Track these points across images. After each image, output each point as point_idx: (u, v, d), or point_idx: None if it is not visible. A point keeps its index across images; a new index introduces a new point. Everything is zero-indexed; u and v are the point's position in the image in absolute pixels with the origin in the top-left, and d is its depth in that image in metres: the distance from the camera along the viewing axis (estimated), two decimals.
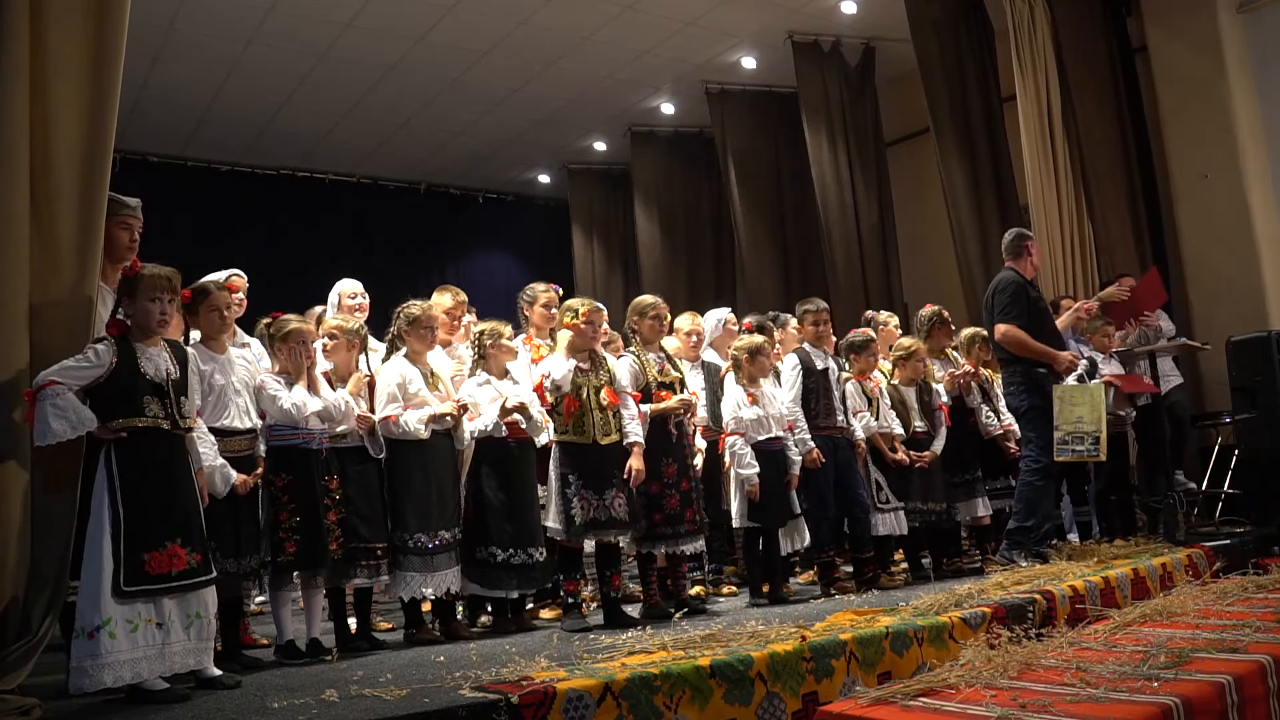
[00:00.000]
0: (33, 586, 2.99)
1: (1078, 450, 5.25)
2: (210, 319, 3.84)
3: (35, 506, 3.01)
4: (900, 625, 3.54)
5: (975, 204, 8.41)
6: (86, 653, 3.01)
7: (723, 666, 2.98)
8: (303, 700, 2.92)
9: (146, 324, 3.34)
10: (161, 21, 8.08)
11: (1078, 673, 3.15)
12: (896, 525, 5.34)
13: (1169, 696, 2.81)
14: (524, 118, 10.85)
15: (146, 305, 3.32)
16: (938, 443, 5.57)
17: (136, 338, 3.32)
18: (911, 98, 9.17)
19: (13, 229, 3.01)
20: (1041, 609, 4.07)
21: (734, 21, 9.17)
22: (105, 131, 3.32)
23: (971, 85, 8.61)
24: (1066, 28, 7.93)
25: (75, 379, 3.13)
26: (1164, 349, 6.54)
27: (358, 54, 9.12)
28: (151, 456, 3.22)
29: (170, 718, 2.90)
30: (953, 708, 2.90)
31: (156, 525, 3.18)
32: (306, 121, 10.46)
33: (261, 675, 3.61)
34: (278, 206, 11.31)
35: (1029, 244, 5.69)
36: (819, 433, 5.12)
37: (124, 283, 3.38)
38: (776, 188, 10.53)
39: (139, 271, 3.37)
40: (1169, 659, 3.23)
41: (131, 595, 3.09)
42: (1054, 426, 5.29)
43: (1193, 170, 7.99)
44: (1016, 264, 5.62)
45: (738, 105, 10.43)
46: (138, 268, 3.39)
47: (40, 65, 3.15)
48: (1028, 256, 5.64)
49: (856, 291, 9.23)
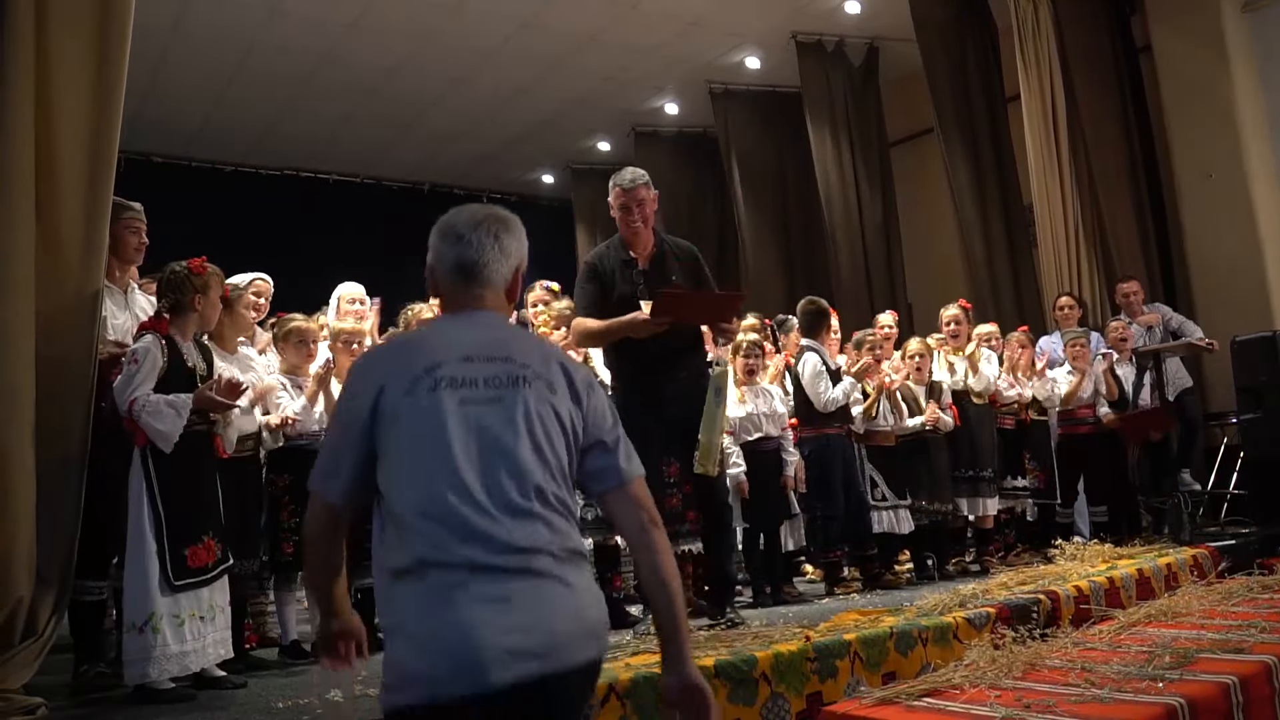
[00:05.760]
0: (39, 587, 3.00)
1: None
2: (244, 317, 3.99)
3: (40, 508, 3.02)
4: (905, 625, 3.53)
5: (979, 203, 8.40)
6: (136, 646, 3.13)
7: (726, 667, 2.97)
8: (307, 700, 2.93)
9: (212, 317, 3.50)
10: (166, 24, 8.09)
11: (1082, 673, 3.15)
12: (895, 523, 5.34)
13: (1174, 697, 2.81)
14: (528, 118, 10.84)
15: (217, 300, 3.48)
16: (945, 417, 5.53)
17: (184, 333, 3.40)
18: (915, 97, 9.15)
19: (18, 231, 3.02)
20: (1046, 609, 4.06)
21: (738, 21, 9.15)
22: (110, 133, 3.34)
23: (975, 85, 8.60)
24: (1070, 27, 7.92)
25: (149, 384, 3.25)
26: (1170, 349, 6.53)
27: (361, 55, 9.12)
28: (184, 451, 3.30)
29: (176, 718, 2.91)
30: (957, 708, 2.90)
31: (193, 520, 3.30)
32: (310, 123, 10.46)
33: (266, 676, 3.62)
34: (282, 208, 11.30)
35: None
36: (833, 430, 5.12)
37: (191, 280, 3.45)
38: (780, 188, 10.51)
39: (209, 269, 3.49)
40: (1174, 659, 3.22)
41: (179, 589, 3.20)
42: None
43: (1197, 169, 7.96)
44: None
45: (742, 105, 10.42)
46: (205, 266, 3.50)
47: (45, 68, 3.16)
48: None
49: (861, 291, 9.21)
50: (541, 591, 1.68)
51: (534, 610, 1.65)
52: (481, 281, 1.89)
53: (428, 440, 1.71)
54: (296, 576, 3.93)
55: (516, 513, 1.70)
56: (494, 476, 1.71)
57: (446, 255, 1.89)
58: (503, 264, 1.90)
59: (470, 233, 1.89)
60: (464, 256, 1.88)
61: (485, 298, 1.89)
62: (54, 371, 3.14)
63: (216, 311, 3.53)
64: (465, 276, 1.88)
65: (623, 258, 4.08)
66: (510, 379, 1.78)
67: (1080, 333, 6.50)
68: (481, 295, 1.89)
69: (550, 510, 1.74)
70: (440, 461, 1.70)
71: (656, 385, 3.97)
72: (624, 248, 4.11)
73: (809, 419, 5.20)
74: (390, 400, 1.74)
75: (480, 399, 1.75)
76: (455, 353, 1.79)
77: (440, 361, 1.77)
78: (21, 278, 3.02)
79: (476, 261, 1.88)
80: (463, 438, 1.71)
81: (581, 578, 1.76)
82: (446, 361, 1.77)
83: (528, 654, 1.62)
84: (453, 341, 1.82)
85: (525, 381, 1.79)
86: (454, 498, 1.67)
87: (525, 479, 1.72)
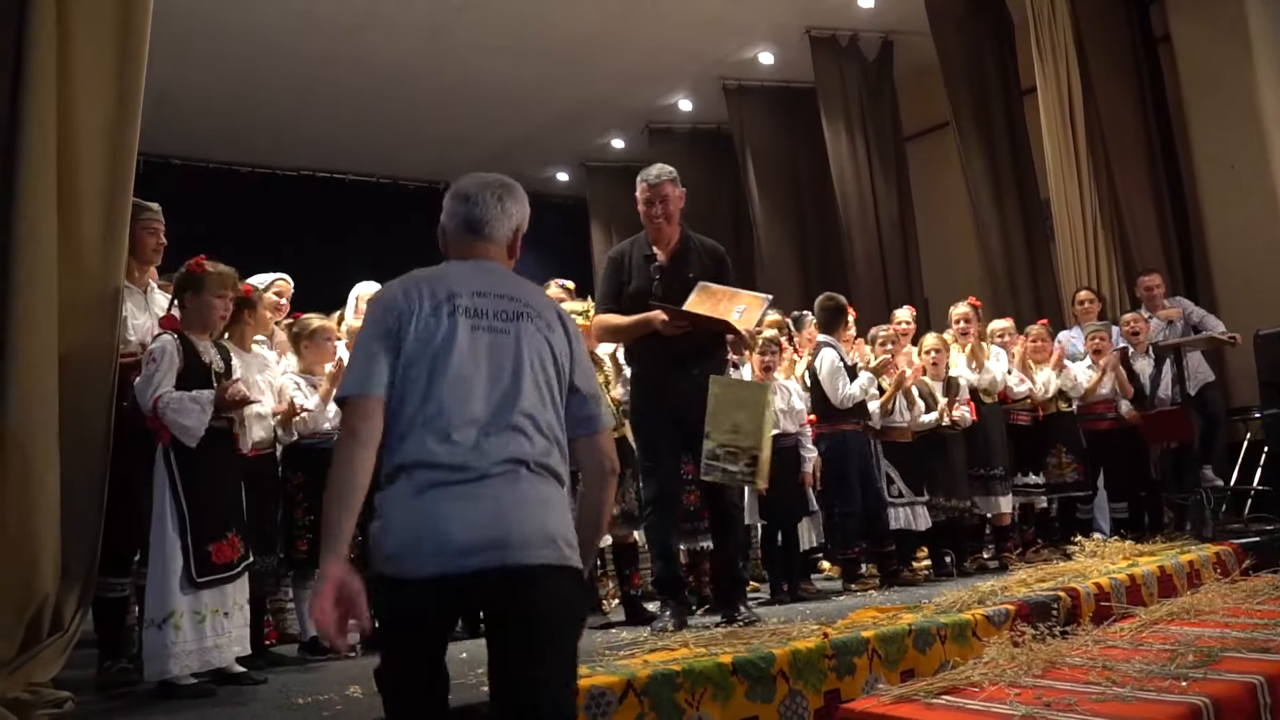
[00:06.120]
0: (64, 583, 3.03)
1: (730, 471, 3.91)
2: (264, 317, 4.06)
3: (65, 505, 3.05)
4: (923, 623, 3.52)
5: (996, 198, 8.34)
6: (156, 642, 3.16)
7: (745, 664, 2.97)
8: (326, 696, 2.95)
9: (209, 318, 3.49)
10: (182, 27, 8.12)
11: (1104, 671, 3.12)
12: (911, 519, 5.32)
13: (1198, 696, 2.78)
14: (542, 116, 10.84)
15: (212, 300, 3.45)
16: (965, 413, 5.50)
17: (193, 331, 3.42)
18: (930, 91, 9.10)
19: (41, 232, 3.05)
20: (1066, 606, 4.03)
21: (751, 17, 9.12)
22: (129, 136, 3.37)
23: (991, 78, 8.54)
24: (1088, 17, 7.85)
25: (170, 381, 3.28)
26: (1191, 343, 6.46)
27: (376, 56, 9.14)
28: (205, 449, 3.33)
29: (197, 713, 2.94)
30: (976, 706, 2.88)
31: (216, 516, 3.33)
32: (325, 123, 10.49)
33: (286, 671, 3.64)
34: (298, 208, 11.36)
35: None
36: (850, 427, 5.11)
37: (188, 278, 3.48)
38: (795, 183, 10.48)
39: (205, 269, 3.48)
40: (1198, 658, 3.19)
41: (202, 585, 3.23)
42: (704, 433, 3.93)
43: (1218, 161, 7.88)
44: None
45: (756, 101, 10.38)
46: (203, 265, 3.48)
47: (67, 74, 3.19)
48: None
49: (877, 287, 9.18)
50: (511, 496, 1.92)
51: (500, 511, 1.90)
52: (485, 236, 2.16)
53: (440, 358, 1.96)
54: (313, 573, 3.95)
55: (503, 428, 1.95)
56: (491, 395, 1.96)
57: (457, 213, 2.18)
58: (504, 222, 2.18)
59: (477, 194, 2.17)
60: (471, 214, 2.16)
61: (490, 250, 2.17)
62: (76, 371, 3.16)
63: (215, 311, 3.49)
64: (472, 231, 2.16)
65: (645, 252, 4.15)
66: (515, 314, 2.05)
67: (1101, 326, 6.44)
68: (486, 248, 2.17)
69: (536, 430, 1.99)
70: (446, 375, 1.95)
71: (672, 383, 3.98)
72: (648, 243, 4.17)
73: (826, 415, 5.19)
74: (415, 319, 1.98)
75: (489, 327, 2.02)
76: (469, 287, 2.05)
77: (458, 292, 2.03)
78: (44, 278, 3.05)
79: (482, 219, 2.15)
80: (471, 358, 1.98)
81: (552, 492, 1.99)
82: (462, 294, 2.04)
83: (490, 546, 1.86)
84: (467, 279, 2.08)
85: (527, 318, 2.06)
86: (451, 408, 1.93)
87: (518, 400, 1.98)
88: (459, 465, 1.90)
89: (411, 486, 1.91)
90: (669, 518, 4.08)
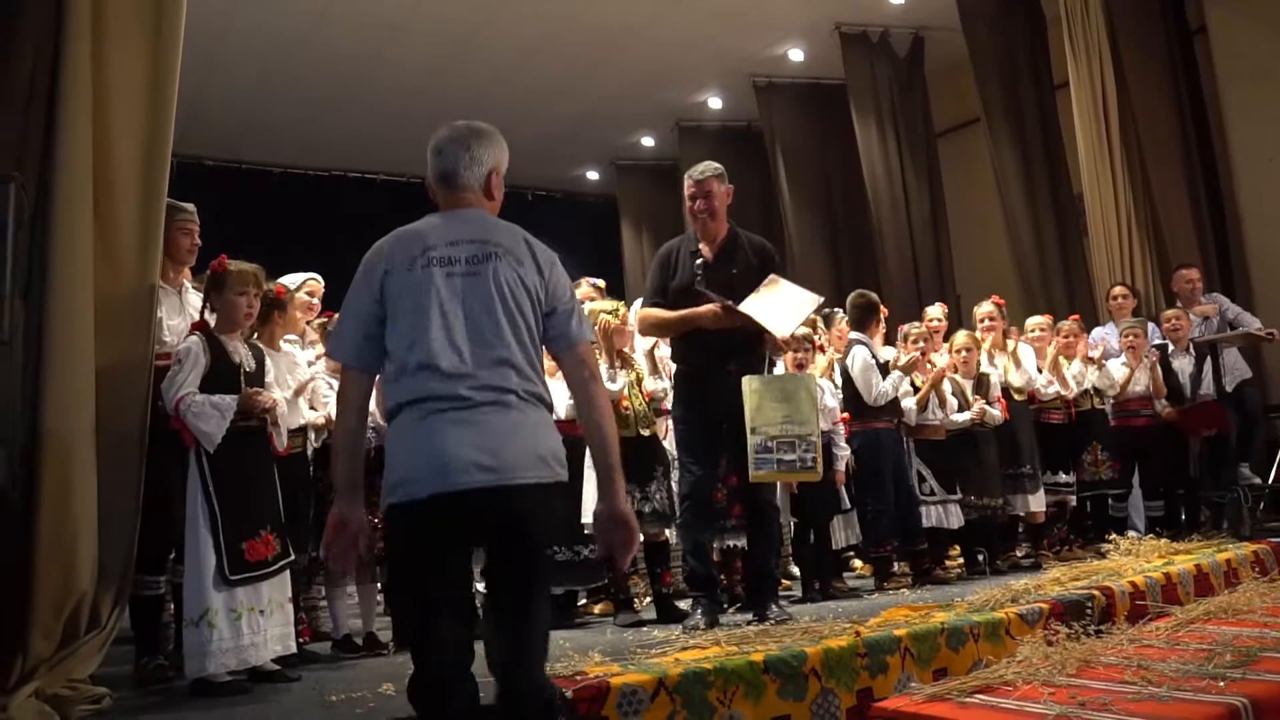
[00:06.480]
0: (101, 581, 3.07)
1: (786, 461, 3.85)
2: (294, 316, 4.09)
3: (102, 503, 3.10)
4: (956, 621, 3.49)
5: (1028, 193, 8.26)
6: (194, 640, 3.20)
7: (776, 662, 2.96)
8: (360, 694, 2.97)
9: (234, 317, 3.50)
10: (215, 29, 8.23)
11: (1139, 671, 3.08)
12: (944, 517, 5.28)
13: (1236, 697, 2.74)
14: (572, 115, 10.87)
15: (235, 299, 3.47)
16: (993, 412, 5.47)
17: (220, 330, 3.45)
18: (962, 87, 9.02)
19: (77, 234, 3.09)
20: (1100, 605, 3.98)
21: (781, 14, 9.10)
22: (163, 138, 3.41)
23: (1023, 73, 8.45)
24: (1121, 11, 7.74)
25: (193, 382, 3.31)
26: (1227, 339, 6.36)
27: (406, 57, 9.21)
28: (238, 448, 3.36)
29: (232, 710, 2.97)
30: (1010, 705, 2.86)
31: (250, 515, 3.36)
32: (356, 124, 10.58)
33: (319, 669, 3.68)
34: (330, 207, 11.44)
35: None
36: (883, 425, 5.08)
37: (212, 278, 3.52)
38: (826, 180, 10.43)
39: (227, 267, 3.50)
40: (1235, 658, 3.14)
41: (236, 583, 3.26)
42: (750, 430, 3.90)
43: (1255, 154, 7.75)
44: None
45: (786, 98, 10.35)
46: (224, 264, 3.51)
47: (102, 78, 3.24)
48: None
49: (909, 283, 9.12)
50: (503, 421, 2.10)
51: (494, 434, 2.08)
52: (459, 185, 2.31)
53: (422, 307, 2.13)
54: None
55: (489, 363, 2.12)
56: (473, 333, 2.13)
57: (433, 167, 2.34)
58: (475, 169, 2.31)
59: (447, 147, 2.32)
60: (442, 167, 2.32)
61: (467, 198, 2.31)
62: (112, 371, 3.21)
63: (239, 309, 3.50)
64: (445, 183, 2.32)
65: (691, 248, 4.17)
66: (485, 255, 2.19)
67: (1137, 322, 6.35)
68: (463, 196, 2.31)
69: (519, 361, 2.15)
70: (431, 322, 2.12)
71: (712, 381, 3.99)
72: (695, 239, 4.21)
73: (858, 413, 5.17)
74: (394, 277, 2.17)
75: (462, 273, 2.17)
76: (443, 238, 2.21)
77: (432, 245, 2.20)
78: (80, 279, 3.09)
79: (452, 169, 2.30)
80: (450, 302, 2.14)
81: (540, 416, 2.18)
82: (436, 245, 2.20)
83: (485, 467, 2.05)
84: (441, 230, 2.24)
85: (497, 257, 2.19)
86: (440, 349, 2.10)
87: (499, 335, 2.14)
88: (453, 396, 2.08)
89: (412, 417, 2.11)
90: (704, 515, 4.08)
